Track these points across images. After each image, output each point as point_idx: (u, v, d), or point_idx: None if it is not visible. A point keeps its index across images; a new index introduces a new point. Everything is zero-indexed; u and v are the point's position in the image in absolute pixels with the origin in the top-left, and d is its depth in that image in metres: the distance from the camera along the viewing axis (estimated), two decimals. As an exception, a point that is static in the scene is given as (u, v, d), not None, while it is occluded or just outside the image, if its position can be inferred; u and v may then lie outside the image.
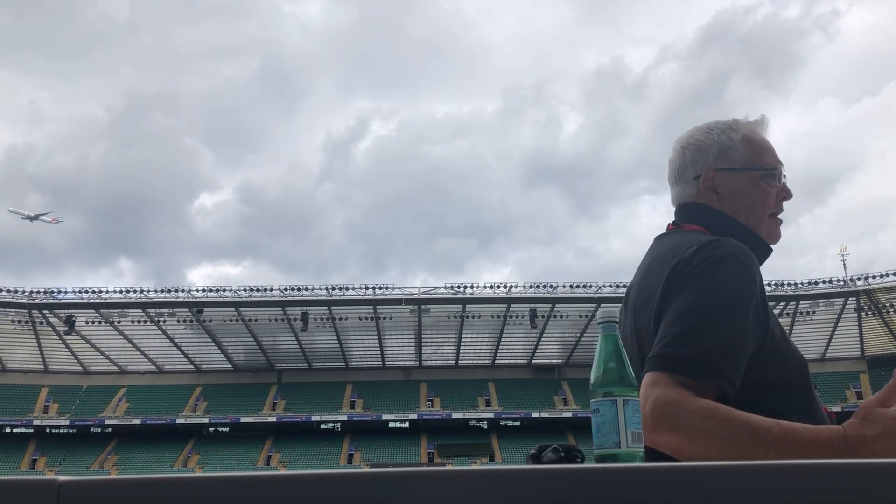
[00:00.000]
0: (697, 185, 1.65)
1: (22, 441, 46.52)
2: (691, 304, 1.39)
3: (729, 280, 1.40)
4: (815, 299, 46.10)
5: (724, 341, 1.35)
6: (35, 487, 0.75)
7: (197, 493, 0.75)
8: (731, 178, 1.63)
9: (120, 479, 0.77)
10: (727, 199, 1.62)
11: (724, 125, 1.67)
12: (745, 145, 1.64)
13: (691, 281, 1.41)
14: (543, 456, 1.15)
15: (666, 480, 0.74)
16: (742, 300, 1.39)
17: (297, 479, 0.76)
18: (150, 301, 44.58)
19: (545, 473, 0.75)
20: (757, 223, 1.62)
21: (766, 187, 1.63)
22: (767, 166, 1.64)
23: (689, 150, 1.67)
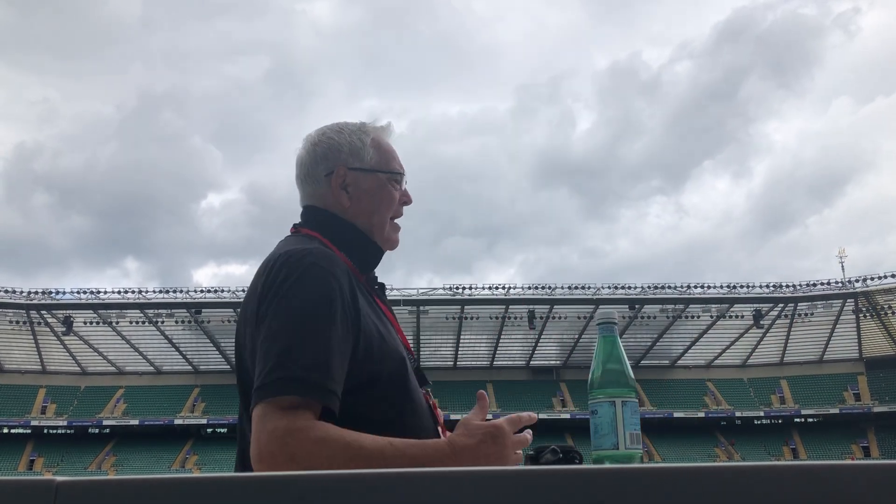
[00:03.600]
0: (328, 183, 1.66)
1: (19, 441, 46.44)
2: (283, 323, 1.39)
3: (313, 291, 1.41)
4: (814, 301, 46.12)
5: (321, 355, 1.36)
6: (33, 488, 0.75)
7: (195, 494, 0.75)
8: (361, 177, 1.66)
9: (117, 480, 0.77)
10: (356, 198, 1.65)
11: (355, 127, 1.71)
12: (374, 148, 1.68)
13: (278, 299, 1.42)
14: (542, 457, 1.16)
15: (665, 481, 0.74)
16: (329, 308, 1.40)
17: (295, 479, 0.76)
18: (148, 302, 44.52)
19: (543, 474, 0.75)
20: (380, 224, 1.66)
21: (392, 191, 1.67)
22: (394, 170, 1.69)
23: (320, 148, 1.68)
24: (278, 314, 1.40)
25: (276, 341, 1.37)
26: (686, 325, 47.59)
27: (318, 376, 1.34)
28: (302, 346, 1.36)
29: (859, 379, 48.64)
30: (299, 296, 1.41)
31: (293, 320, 1.39)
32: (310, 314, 1.39)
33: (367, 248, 1.64)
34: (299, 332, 1.37)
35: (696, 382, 50.37)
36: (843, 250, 48.86)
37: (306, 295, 1.40)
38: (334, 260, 1.48)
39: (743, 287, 45.45)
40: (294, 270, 1.43)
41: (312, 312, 1.39)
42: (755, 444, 46.76)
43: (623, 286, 46.03)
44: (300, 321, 1.38)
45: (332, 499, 0.74)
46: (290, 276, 1.43)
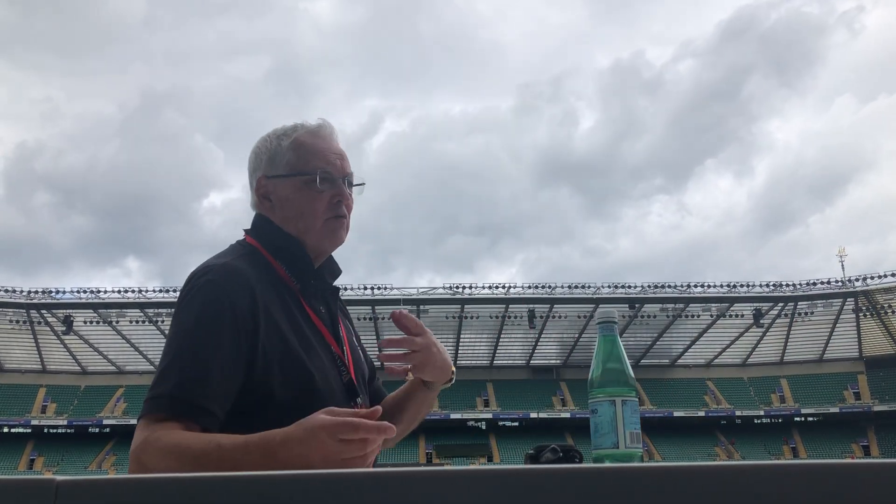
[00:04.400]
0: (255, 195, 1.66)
1: (20, 441, 46.47)
2: (171, 341, 1.41)
3: (201, 309, 1.41)
4: (814, 300, 46.14)
5: (194, 376, 1.36)
6: (33, 487, 0.75)
7: (194, 493, 0.75)
8: (279, 184, 1.61)
9: (117, 479, 0.77)
10: (278, 206, 1.62)
11: (281, 131, 1.66)
12: (292, 150, 1.62)
13: (175, 316, 1.45)
14: (542, 456, 1.16)
15: (665, 480, 0.73)
16: (214, 326, 1.40)
17: (294, 478, 0.76)
18: (148, 301, 44.56)
19: (543, 474, 0.75)
20: (308, 227, 1.60)
21: (312, 192, 1.59)
22: (310, 171, 1.60)
23: (252, 157, 1.68)
24: (170, 332, 1.44)
25: (162, 358, 1.41)
26: (686, 325, 47.61)
27: (189, 395, 1.35)
28: (179, 363, 1.38)
29: (859, 378, 48.66)
30: (188, 313, 1.42)
31: (177, 338, 1.41)
32: (192, 332, 1.40)
33: (294, 254, 1.60)
34: (180, 349, 1.39)
35: (696, 381, 50.39)
36: (843, 249, 48.90)
37: (194, 313, 1.42)
38: (235, 276, 1.46)
39: (743, 286, 45.48)
40: (191, 289, 1.45)
41: (196, 330, 1.40)
42: (755, 444, 46.78)
43: (623, 285, 46.06)
44: (182, 339, 1.41)
45: (332, 498, 0.74)
46: (186, 294, 1.46)
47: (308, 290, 1.60)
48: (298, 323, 1.53)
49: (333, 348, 1.59)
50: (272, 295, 1.51)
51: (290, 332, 1.50)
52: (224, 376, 1.39)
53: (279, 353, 1.45)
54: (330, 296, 1.67)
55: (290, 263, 1.60)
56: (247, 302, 1.44)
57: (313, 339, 1.55)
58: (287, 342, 1.48)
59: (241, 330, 1.41)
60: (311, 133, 1.65)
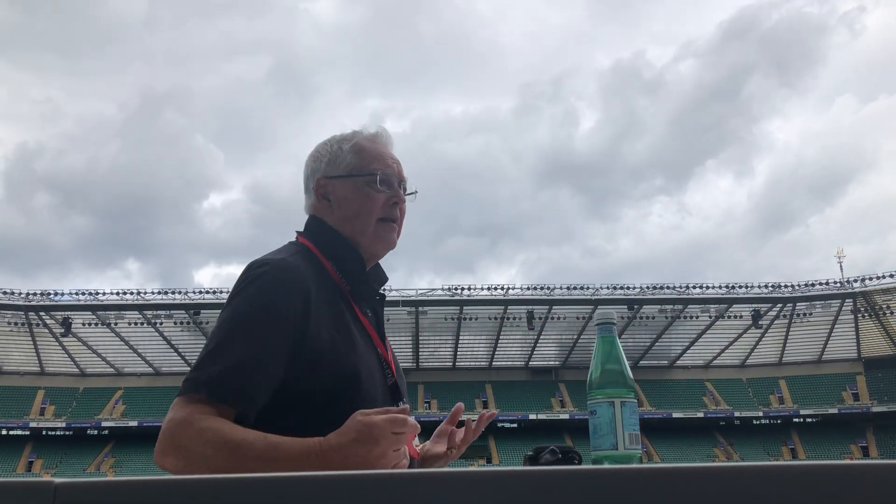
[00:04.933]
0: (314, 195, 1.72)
1: (18, 443, 46.37)
2: (220, 326, 1.45)
3: (255, 298, 1.45)
4: (812, 301, 46.15)
5: (238, 361, 1.38)
6: (31, 489, 0.75)
7: (193, 495, 0.75)
8: (338, 185, 1.68)
9: (116, 481, 0.77)
10: (336, 205, 1.68)
11: (341, 137, 1.74)
12: (353, 154, 1.70)
13: (228, 302, 1.48)
14: (541, 457, 1.16)
15: (664, 482, 0.74)
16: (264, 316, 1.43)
17: (293, 480, 0.76)
18: (146, 303, 44.49)
19: (542, 475, 0.75)
20: (362, 228, 1.66)
21: (371, 192, 1.66)
22: (370, 171, 1.68)
23: (310, 161, 1.75)
24: (222, 316, 1.47)
25: (210, 340, 1.44)
26: (685, 326, 47.60)
27: (230, 379, 1.37)
28: (224, 349, 1.40)
29: (858, 379, 48.67)
30: (240, 301, 1.46)
31: (226, 324, 1.44)
32: (242, 320, 1.43)
33: (349, 256, 1.65)
34: (227, 335, 1.42)
35: (695, 383, 50.38)
36: (842, 250, 48.92)
37: (246, 301, 1.45)
38: (290, 271, 1.50)
39: (741, 287, 45.47)
40: (246, 279, 1.49)
41: (245, 318, 1.43)
42: (754, 445, 46.77)
43: (622, 286, 46.05)
44: (230, 325, 1.43)
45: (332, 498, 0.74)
46: (241, 283, 1.49)
47: (357, 293, 1.65)
48: (347, 322, 1.57)
49: (379, 350, 1.63)
50: (324, 293, 1.54)
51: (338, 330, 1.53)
52: (266, 366, 1.41)
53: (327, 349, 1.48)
54: (377, 302, 1.72)
55: (342, 265, 1.64)
56: (298, 297, 1.47)
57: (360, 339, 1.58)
58: (335, 340, 1.51)
59: (290, 324, 1.44)
60: (371, 139, 1.74)
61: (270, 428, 1.36)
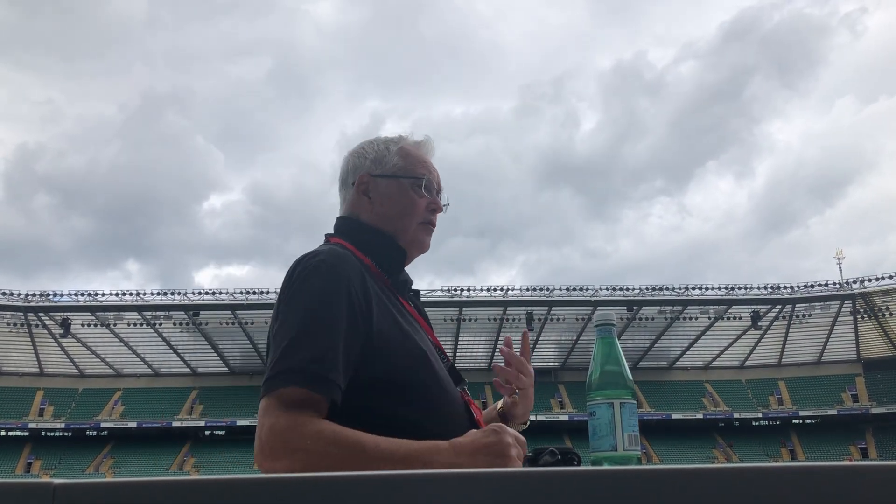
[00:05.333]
0: (353, 189, 1.73)
1: (17, 444, 46.33)
2: (290, 318, 1.44)
3: (319, 287, 1.45)
4: (811, 302, 46.16)
5: (321, 348, 1.38)
6: (30, 490, 0.75)
7: (193, 496, 0.75)
8: (382, 183, 1.71)
9: (115, 482, 0.77)
10: (377, 202, 1.70)
11: (387, 139, 1.78)
12: (399, 156, 1.73)
13: (288, 297, 1.47)
14: (540, 459, 1.15)
15: (663, 483, 0.74)
16: (333, 303, 1.43)
17: (293, 481, 0.76)
18: (146, 304, 44.47)
19: (542, 476, 0.75)
20: (404, 228, 1.69)
21: (414, 195, 1.70)
22: (417, 175, 1.72)
23: (352, 157, 1.77)
24: (286, 311, 1.45)
25: (282, 337, 1.42)
26: (684, 327, 47.61)
27: (318, 368, 1.36)
28: (303, 339, 1.39)
29: (857, 380, 48.68)
30: (305, 292, 1.45)
31: (298, 316, 1.43)
32: (313, 309, 1.42)
33: (390, 250, 1.67)
34: (302, 326, 1.41)
35: (695, 384, 50.39)
36: (841, 251, 48.92)
37: (312, 291, 1.44)
38: (345, 259, 1.52)
39: (741, 288, 45.48)
40: (303, 269, 1.48)
41: (316, 307, 1.42)
42: (753, 446, 46.77)
43: (621, 287, 46.06)
44: (304, 316, 1.42)
45: (325, 500, 0.74)
46: (299, 275, 1.48)
47: (398, 285, 1.67)
48: (401, 310, 1.59)
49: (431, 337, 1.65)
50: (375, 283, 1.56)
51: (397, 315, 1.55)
52: (346, 352, 1.41)
53: (393, 334, 1.49)
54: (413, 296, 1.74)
55: (381, 259, 1.65)
56: (359, 282, 1.49)
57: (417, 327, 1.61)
58: (398, 324, 1.52)
59: (358, 308, 1.45)
60: (416, 145, 1.78)
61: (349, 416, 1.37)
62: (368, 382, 1.44)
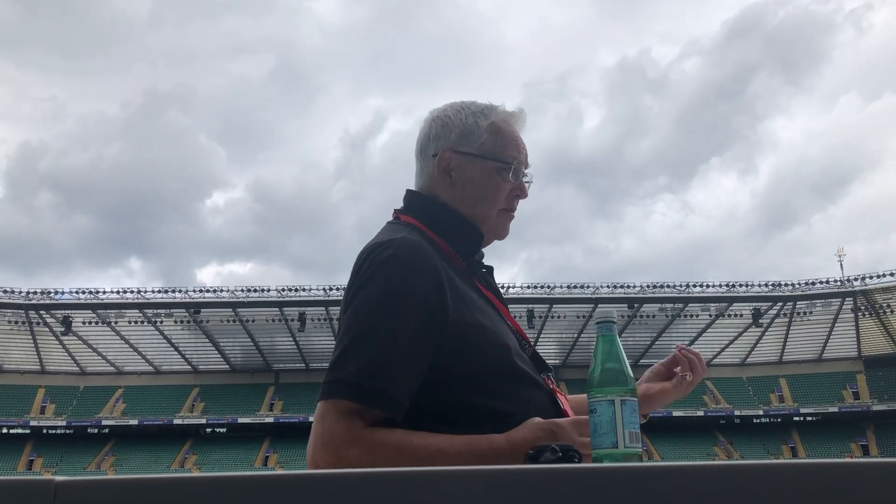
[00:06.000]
0: (433, 164, 1.57)
1: (19, 442, 46.42)
2: (350, 321, 1.36)
3: (387, 287, 1.35)
4: (812, 300, 46.15)
5: (377, 359, 1.31)
6: (32, 488, 0.75)
7: (194, 494, 0.75)
8: (466, 163, 1.54)
9: (116, 480, 0.77)
10: (458, 184, 1.55)
11: (477, 108, 1.60)
12: (490, 133, 1.56)
13: (353, 295, 1.38)
14: (541, 456, 1.15)
15: (663, 480, 0.74)
16: (400, 305, 1.34)
17: (294, 479, 0.76)
18: (147, 301, 44.51)
19: (542, 473, 0.76)
20: (484, 215, 1.55)
21: (500, 181, 1.55)
22: (506, 159, 1.55)
23: (435, 124, 1.59)
24: (350, 311, 1.38)
25: (342, 339, 1.35)
26: (685, 324, 47.60)
27: (370, 381, 1.29)
28: (358, 347, 1.32)
29: (858, 377, 48.68)
30: (369, 291, 1.36)
31: (357, 319, 1.35)
32: (373, 312, 1.34)
33: (467, 234, 1.55)
34: (360, 332, 1.34)
35: (696, 381, 50.37)
36: (842, 249, 48.86)
37: (375, 291, 1.36)
38: (418, 250, 1.41)
39: (742, 286, 45.48)
40: (371, 265, 1.39)
41: (377, 310, 1.34)
42: (754, 443, 46.80)
43: (622, 285, 46.06)
44: (362, 320, 1.35)
45: (332, 498, 0.75)
46: (365, 272, 1.39)
47: (473, 268, 1.57)
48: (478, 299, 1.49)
49: (509, 320, 1.56)
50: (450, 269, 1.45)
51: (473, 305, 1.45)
52: (408, 359, 1.33)
53: (471, 327, 1.40)
54: (487, 274, 1.63)
55: (456, 241, 1.54)
56: (432, 278, 1.38)
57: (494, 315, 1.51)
58: (475, 316, 1.42)
59: (428, 308, 1.35)
60: (508, 120, 1.60)
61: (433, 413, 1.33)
62: (449, 378, 1.36)
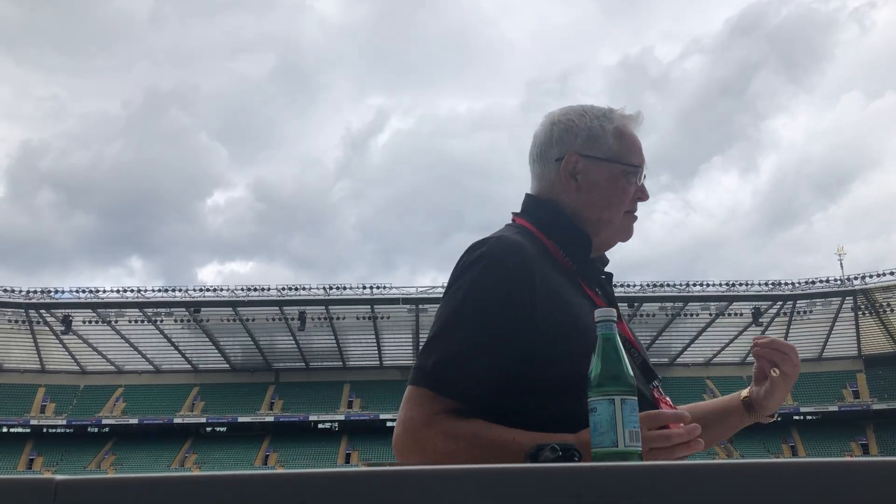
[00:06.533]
0: (557, 168, 1.57)
1: (19, 441, 46.44)
2: (440, 314, 1.42)
3: (474, 284, 1.39)
4: (813, 298, 46.15)
5: (456, 353, 1.36)
6: (32, 487, 0.75)
7: (194, 493, 0.75)
8: (593, 167, 1.55)
9: (116, 479, 0.77)
10: (585, 188, 1.55)
11: (600, 112, 1.60)
12: (615, 137, 1.57)
13: (448, 287, 1.44)
14: (541, 455, 1.15)
15: (663, 479, 0.74)
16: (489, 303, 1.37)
17: (294, 478, 0.76)
18: (147, 301, 44.51)
19: (542, 472, 0.76)
20: (610, 218, 1.56)
21: (626, 185, 1.56)
22: (632, 162, 1.57)
23: (557, 128, 1.59)
24: (442, 302, 1.44)
25: (431, 329, 1.41)
26: (685, 323, 47.62)
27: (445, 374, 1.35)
28: (441, 339, 1.38)
29: (858, 376, 48.69)
30: (460, 287, 1.41)
31: (445, 312, 1.41)
32: (460, 308, 1.39)
33: (576, 239, 1.55)
34: (445, 325, 1.39)
35: (696, 380, 50.40)
36: (842, 248, 48.84)
37: (464, 287, 1.41)
38: (512, 250, 1.43)
39: (742, 285, 45.48)
40: (464, 262, 1.44)
41: (463, 306, 1.39)
42: (754, 442, 46.80)
43: (622, 284, 46.04)
44: (449, 314, 1.40)
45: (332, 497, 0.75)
46: (461, 267, 1.44)
47: (584, 272, 1.56)
48: (579, 301, 1.48)
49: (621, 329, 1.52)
50: (550, 272, 1.46)
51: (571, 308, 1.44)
52: (485, 354, 1.36)
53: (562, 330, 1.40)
54: (604, 281, 1.63)
55: (567, 245, 1.54)
56: (521, 276, 1.40)
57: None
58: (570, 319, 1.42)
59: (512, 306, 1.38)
60: (630, 123, 1.61)
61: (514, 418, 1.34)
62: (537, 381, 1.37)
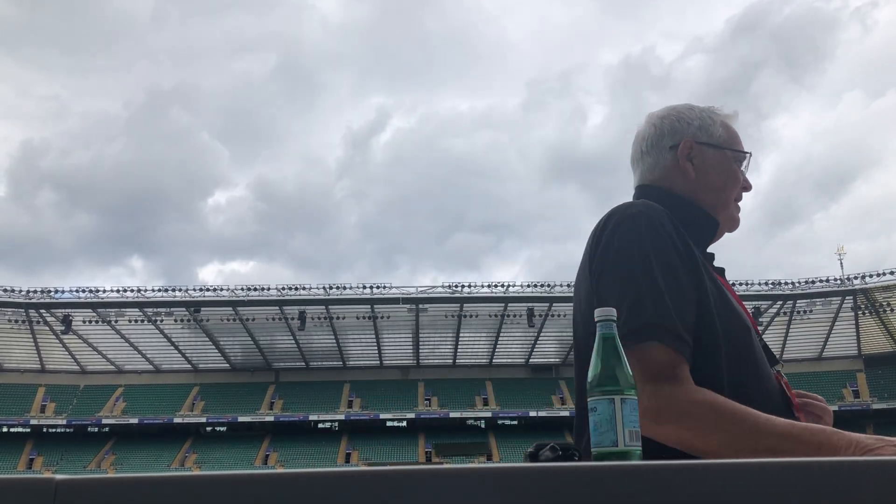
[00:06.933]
0: (673, 154, 1.63)
1: (19, 440, 46.44)
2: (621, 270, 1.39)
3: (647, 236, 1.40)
4: (812, 298, 46.16)
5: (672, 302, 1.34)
6: (32, 486, 0.75)
7: (194, 493, 0.75)
8: (708, 152, 1.62)
9: (117, 478, 0.77)
10: (701, 171, 1.61)
11: (706, 107, 1.69)
12: (723, 128, 1.66)
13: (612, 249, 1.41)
14: (541, 454, 1.15)
15: (663, 479, 0.74)
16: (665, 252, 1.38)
17: (294, 477, 0.76)
18: (147, 300, 44.52)
19: (542, 472, 0.76)
20: (725, 202, 1.62)
21: (737, 170, 1.64)
22: (741, 149, 1.66)
23: (668, 120, 1.66)
24: (618, 261, 1.39)
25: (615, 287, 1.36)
26: (685, 323, 47.62)
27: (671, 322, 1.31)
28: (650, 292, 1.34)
29: (858, 376, 48.71)
30: (631, 241, 1.39)
31: (630, 266, 1.37)
32: (648, 258, 1.37)
33: (702, 223, 1.59)
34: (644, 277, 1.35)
35: (696, 380, 50.48)
36: (842, 248, 48.84)
37: (639, 240, 1.39)
38: (663, 213, 1.45)
39: (742, 284, 45.46)
40: (622, 219, 1.43)
41: (651, 257, 1.37)
42: (754, 442, 46.85)
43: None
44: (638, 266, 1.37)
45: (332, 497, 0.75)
46: (618, 225, 1.42)
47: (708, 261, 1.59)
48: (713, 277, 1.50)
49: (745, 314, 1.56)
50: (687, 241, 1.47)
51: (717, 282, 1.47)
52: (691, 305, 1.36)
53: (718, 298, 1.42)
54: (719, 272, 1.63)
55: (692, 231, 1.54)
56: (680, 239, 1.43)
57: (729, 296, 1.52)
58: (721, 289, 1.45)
59: (685, 260, 1.40)
60: (732, 120, 1.70)
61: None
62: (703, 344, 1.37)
